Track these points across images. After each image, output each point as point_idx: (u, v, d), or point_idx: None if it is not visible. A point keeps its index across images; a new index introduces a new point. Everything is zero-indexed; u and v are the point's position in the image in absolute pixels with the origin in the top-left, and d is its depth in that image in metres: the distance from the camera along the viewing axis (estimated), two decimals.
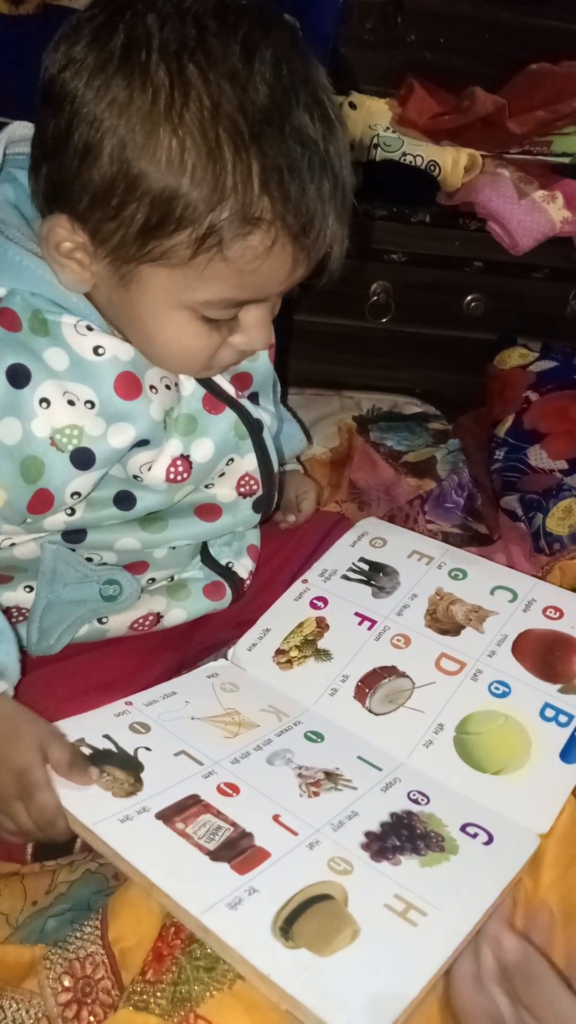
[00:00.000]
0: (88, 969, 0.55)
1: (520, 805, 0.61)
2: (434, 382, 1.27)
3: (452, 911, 0.52)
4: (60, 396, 0.58)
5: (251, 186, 0.50)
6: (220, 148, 0.49)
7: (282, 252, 0.53)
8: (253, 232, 0.51)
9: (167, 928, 0.54)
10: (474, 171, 1.17)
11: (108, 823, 0.55)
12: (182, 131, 0.49)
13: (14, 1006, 0.54)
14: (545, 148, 1.20)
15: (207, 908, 0.50)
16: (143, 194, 0.50)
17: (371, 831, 0.57)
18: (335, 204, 0.54)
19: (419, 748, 0.66)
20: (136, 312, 0.57)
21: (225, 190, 0.49)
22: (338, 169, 0.53)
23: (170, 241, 0.51)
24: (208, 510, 0.71)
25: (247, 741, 0.64)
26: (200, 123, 0.49)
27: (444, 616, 0.76)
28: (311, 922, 0.50)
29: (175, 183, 0.49)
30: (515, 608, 0.76)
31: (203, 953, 0.52)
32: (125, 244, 0.53)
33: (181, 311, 0.56)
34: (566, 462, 1.06)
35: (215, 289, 0.54)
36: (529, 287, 1.24)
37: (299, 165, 0.50)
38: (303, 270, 0.55)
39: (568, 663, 0.70)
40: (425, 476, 1.05)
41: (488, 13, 1.19)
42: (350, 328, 1.23)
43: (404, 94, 1.16)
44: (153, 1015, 0.50)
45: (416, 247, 1.18)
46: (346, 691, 0.71)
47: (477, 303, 1.24)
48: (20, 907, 0.61)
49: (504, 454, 1.10)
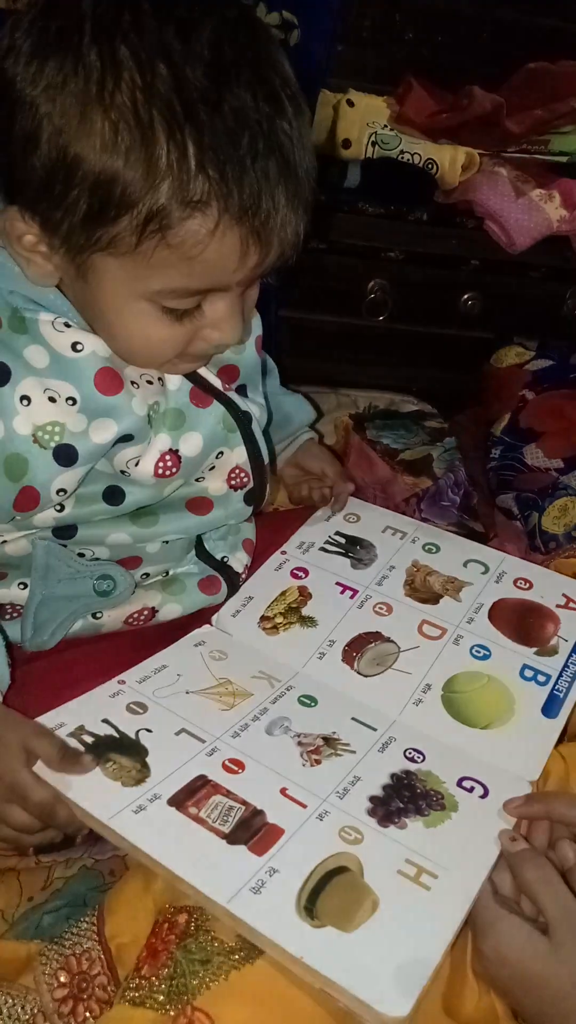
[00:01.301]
0: (84, 965, 0.55)
1: (510, 755, 0.64)
2: (431, 380, 1.27)
3: (460, 871, 0.55)
4: (41, 393, 0.58)
5: (186, 166, 0.48)
6: (153, 129, 0.47)
7: (228, 235, 0.51)
8: (193, 215, 0.49)
9: (160, 924, 0.54)
10: (472, 170, 1.16)
11: (123, 816, 0.56)
12: (115, 113, 0.47)
13: (10, 1002, 0.54)
14: (543, 147, 1.20)
15: (233, 896, 0.51)
16: (82, 179, 0.49)
17: (375, 795, 0.60)
18: (285, 186, 0.51)
19: (409, 706, 0.68)
20: (96, 304, 0.56)
21: (159, 171, 0.48)
22: (287, 149, 0.51)
23: (114, 228, 0.50)
24: (199, 504, 0.71)
25: (244, 712, 0.65)
26: (133, 104, 0.47)
27: (422, 586, 0.80)
28: (333, 898, 0.52)
29: (111, 166, 0.48)
30: (488, 579, 0.81)
31: (198, 947, 0.52)
32: (73, 233, 0.52)
33: (139, 302, 0.55)
34: (562, 461, 1.06)
35: (166, 277, 0.53)
36: (526, 286, 1.24)
37: (238, 144, 0.49)
38: (257, 256, 0.53)
39: (542, 629, 0.76)
40: (421, 474, 1.06)
41: (486, 12, 1.18)
42: (347, 326, 1.23)
43: (402, 92, 1.16)
44: (150, 1010, 0.50)
45: (413, 245, 1.18)
46: (334, 655, 0.73)
47: (474, 302, 1.24)
48: (16, 903, 0.62)
49: (500, 452, 1.11)
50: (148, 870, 0.57)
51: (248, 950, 0.51)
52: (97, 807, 0.56)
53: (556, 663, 0.72)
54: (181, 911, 0.54)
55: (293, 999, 0.50)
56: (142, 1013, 0.50)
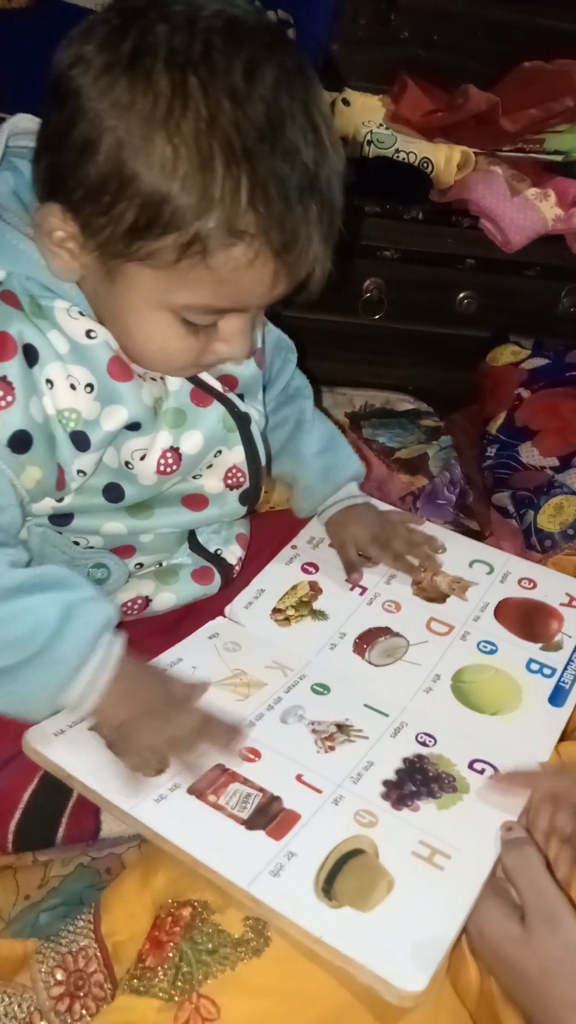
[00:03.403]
0: (81, 963, 0.55)
1: (520, 738, 0.66)
2: (426, 379, 1.28)
3: (473, 851, 0.57)
4: (64, 379, 0.60)
5: (238, 199, 0.51)
6: (212, 160, 0.50)
7: (263, 267, 0.54)
8: (237, 244, 0.52)
9: (163, 918, 0.54)
10: (467, 168, 1.17)
11: (144, 805, 0.57)
12: (177, 139, 0.50)
13: (6, 999, 0.54)
14: (538, 146, 1.21)
15: (253, 879, 0.53)
16: (134, 194, 0.51)
17: (388, 779, 0.61)
18: (321, 226, 0.55)
19: (420, 694, 0.70)
20: (119, 307, 0.58)
21: (213, 200, 0.51)
22: (327, 193, 0.54)
23: (156, 243, 0.53)
24: (195, 500, 0.72)
25: (259, 701, 0.67)
26: (195, 134, 0.50)
27: (429, 586, 0.82)
28: (349, 879, 0.53)
29: (166, 188, 0.51)
30: (493, 579, 0.82)
31: (205, 937, 0.52)
32: (113, 240, 0.54)
33: (162, 312, 0.57)
34: (557, 459, 1.06)
35: (196, 294, 0.56)
36: (521, 284, 1.24)
37: (287, 184, 0.52)
38: (284, 286, 0.57)
39: (546, 627, 0.77)
40: (417, 473, 1.06)
41: (482, 11, 1.19)
42: (343, 325, 1.23)
43: (397, 91, 1.16)
44: (155, 999, 0.50)
45: (409, 244, 1.18)
46: (345, 646, 0.74)
47: (469, 300, 1.25)
48: (12, 901, 0.61)
49: (496, 451, 1.11)
50: (146, 868, 0.58)
51: (255, 943, 0.52)
52: (119, 797, 0.57)
53: (561, 657, 0.74)
54: (185, 905, 0.54)
55: (298, 993, 0.51)
56: (147, 1002, 0.50)
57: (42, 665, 0.56)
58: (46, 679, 0.57)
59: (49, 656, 0.56)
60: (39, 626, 0.56)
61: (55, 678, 0.57)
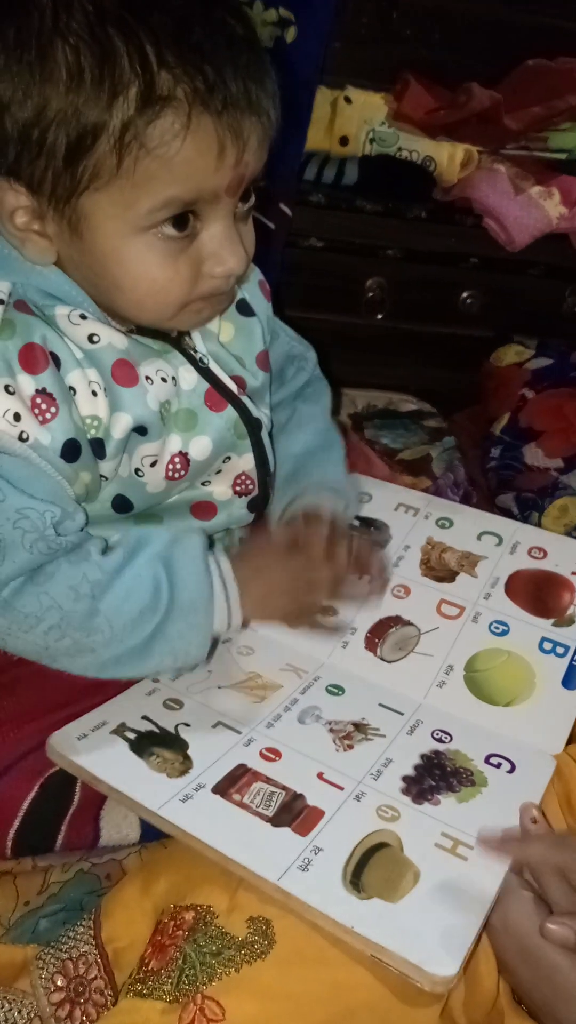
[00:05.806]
0: (81, 969, 0.55)
1: (533, 731, 0.67)
2: (429, 379, 1.27)
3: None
4: (86, 386, 0.59)
5: (149, 66, 0.50)
6: (111, 42, 0.50)
7: (203, 129, 0.52)
8: (164, 111, 0.51)
9: (165, 923, 0.54)
10: (470, 167, 1.17)
11: (171, 805, 0.58)
12: (74, 39, 0.50)
13: (6, 1006, 0.54)
14: (542, 144, 1.20)
15: (283, 873, 0.54)
16: (54, 116, 0.51)
17: (407, 775, 0.62)
18: (240, 61, 0.53)
19: (433, 689, 0.71)
20: (97, 258, 0.57)
21: (125, 78, 0.50)
22: (237, 30, 0.53)
23: (94, 155, 0.52)
24: (204, 508, 0.71)
25: (275, 703, 0.68)
26: (88, 27, 0.50)
27: (438, 564, 0.80)
28: (376, 871, 0.55)
29: (79, 92, 0.50)
30: (502, 551, 0.81)
31: (209, 940, 0.52)
32: (59, 178, 0.53)
33: (137, 239, 0.55)
34: (562, 460, 1.06)
35: (153, 191, 0.54)
36: (525, 284, 1.24)
37: (190, 30, 0.51)
38: (234, 152, 0.54)
39: (558, 599, 0.77)
40: (420, 474, 1.05)
41: (484, 9, 1.18)
42: (345, 324, 1.23)
43: (400, 89, 1.16)
44: (159, 1000, 0.50)
45: (412, 243, 1.18)
46: (356, 642, 0.75)
47: (473, 300, 1.24)
48: (12, 907, 0.61)
49: (500, 452, 1.11)
50: (147, 874, 0.58)
51: (259, 946, 0.52)
52: (147, 798, 0.58)
53: (573, 633, 0.74)
54: (187, 909, 0.54)
55: (303, 996, 0.51)
56: (150, 1004, 0.50)
57: (181, 615, 0.61)
58: (192, 623, 0.62)
59: (180, 606, 0.61)
60: (156, 586, 0.60)
61: (198, 618, 0.62)
